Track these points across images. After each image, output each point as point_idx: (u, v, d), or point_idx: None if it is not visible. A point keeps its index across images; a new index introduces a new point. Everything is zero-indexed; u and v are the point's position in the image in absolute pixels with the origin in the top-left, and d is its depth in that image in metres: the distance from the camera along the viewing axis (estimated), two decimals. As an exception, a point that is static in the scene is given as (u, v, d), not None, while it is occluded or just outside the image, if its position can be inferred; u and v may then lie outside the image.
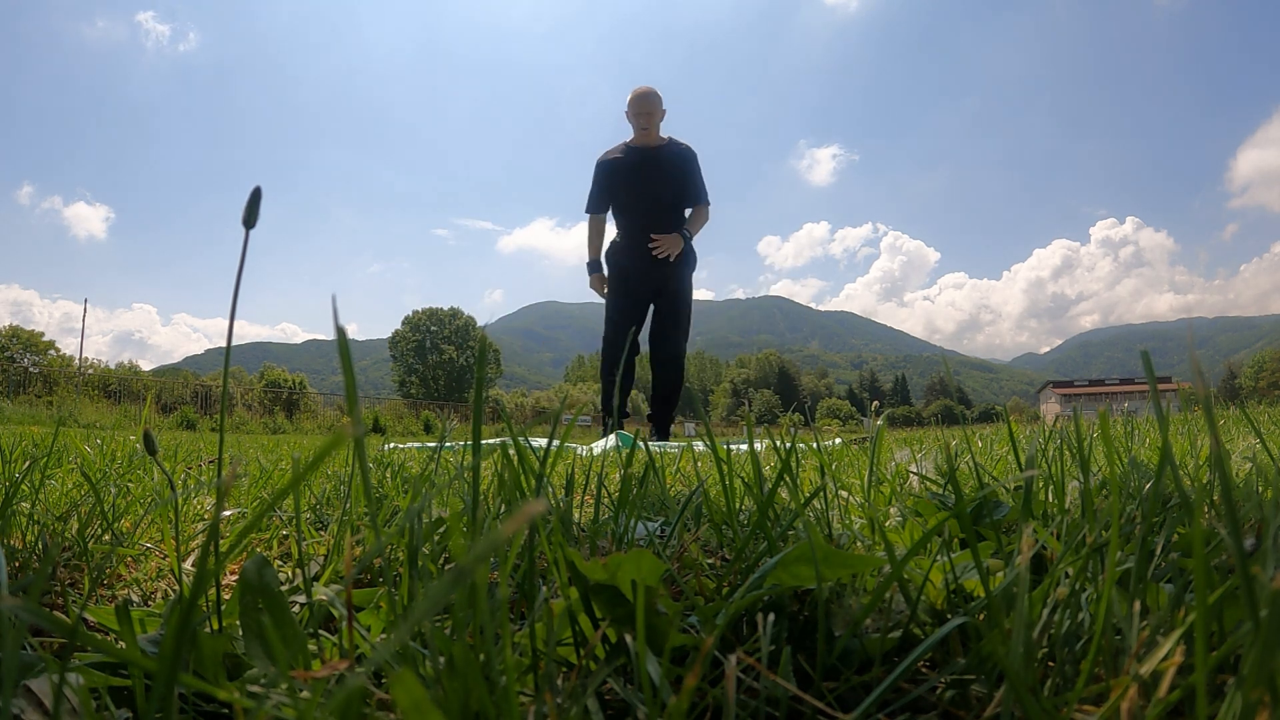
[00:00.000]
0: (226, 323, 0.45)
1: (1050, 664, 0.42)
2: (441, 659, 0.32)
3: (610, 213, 4.52)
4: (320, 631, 0.48)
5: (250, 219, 0.42)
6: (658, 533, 0.66)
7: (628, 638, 0.41)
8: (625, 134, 4.50)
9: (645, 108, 4.37)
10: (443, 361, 60.50)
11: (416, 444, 3.08)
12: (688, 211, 4.47)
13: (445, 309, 62.02)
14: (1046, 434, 1.19)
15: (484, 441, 0.41)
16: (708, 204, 4.50)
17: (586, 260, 4.56)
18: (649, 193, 4.35)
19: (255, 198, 0.42)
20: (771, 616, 0.43)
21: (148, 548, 0.81)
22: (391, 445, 2.13)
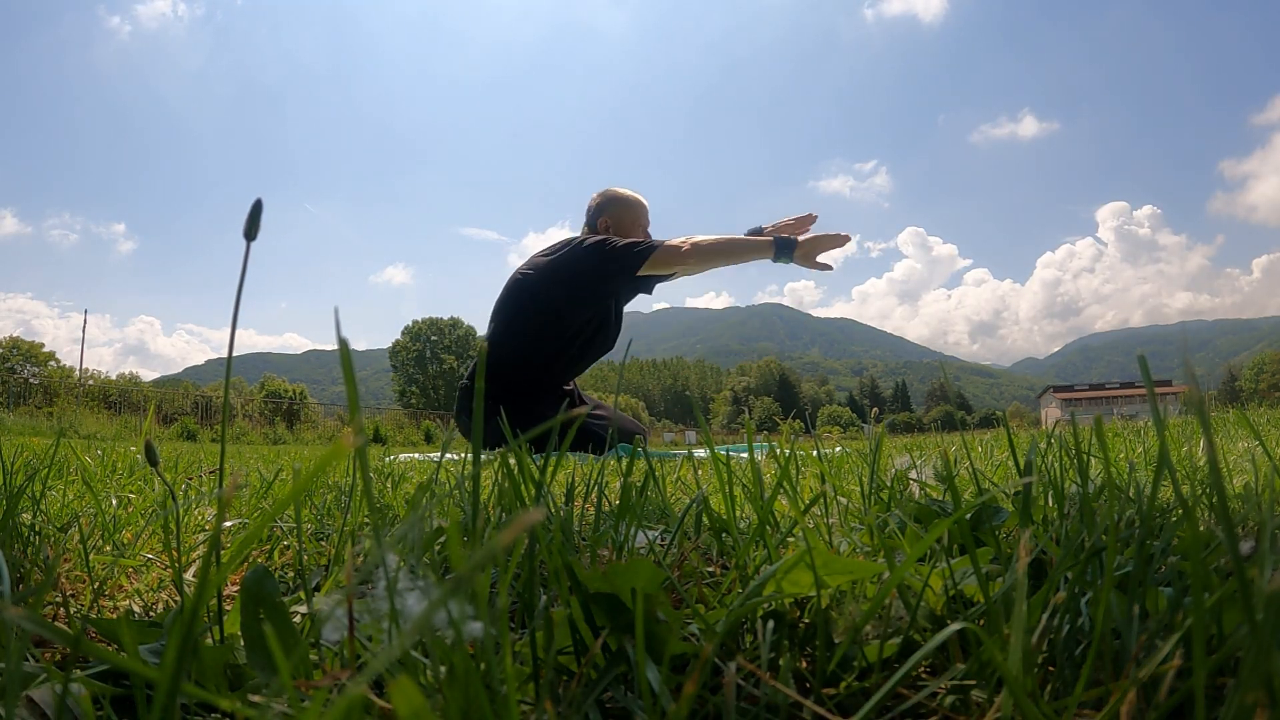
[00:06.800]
0: (230, 333, 0.46)
1: (1050, 668, 0.42)
2: (442, 668, 0.32)
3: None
4: (321, 641, 0.48)
5: (251, 232, 0.42)
6: (658, 541, 0.66)
7: (628, 645, 0.41)
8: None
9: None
10: (443, 371, 60.52)
11: (417, 455, 3.05)
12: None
13: (445, 319, 62.14)
14: (1046, 439, 1.19)
15: (484, 457, 0.42)
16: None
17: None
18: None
19: (256, 211, 0.43)
20: (771, 624, 0.43)
21: (149, 559, 0.81)
22: (393, 457, 2.13)
